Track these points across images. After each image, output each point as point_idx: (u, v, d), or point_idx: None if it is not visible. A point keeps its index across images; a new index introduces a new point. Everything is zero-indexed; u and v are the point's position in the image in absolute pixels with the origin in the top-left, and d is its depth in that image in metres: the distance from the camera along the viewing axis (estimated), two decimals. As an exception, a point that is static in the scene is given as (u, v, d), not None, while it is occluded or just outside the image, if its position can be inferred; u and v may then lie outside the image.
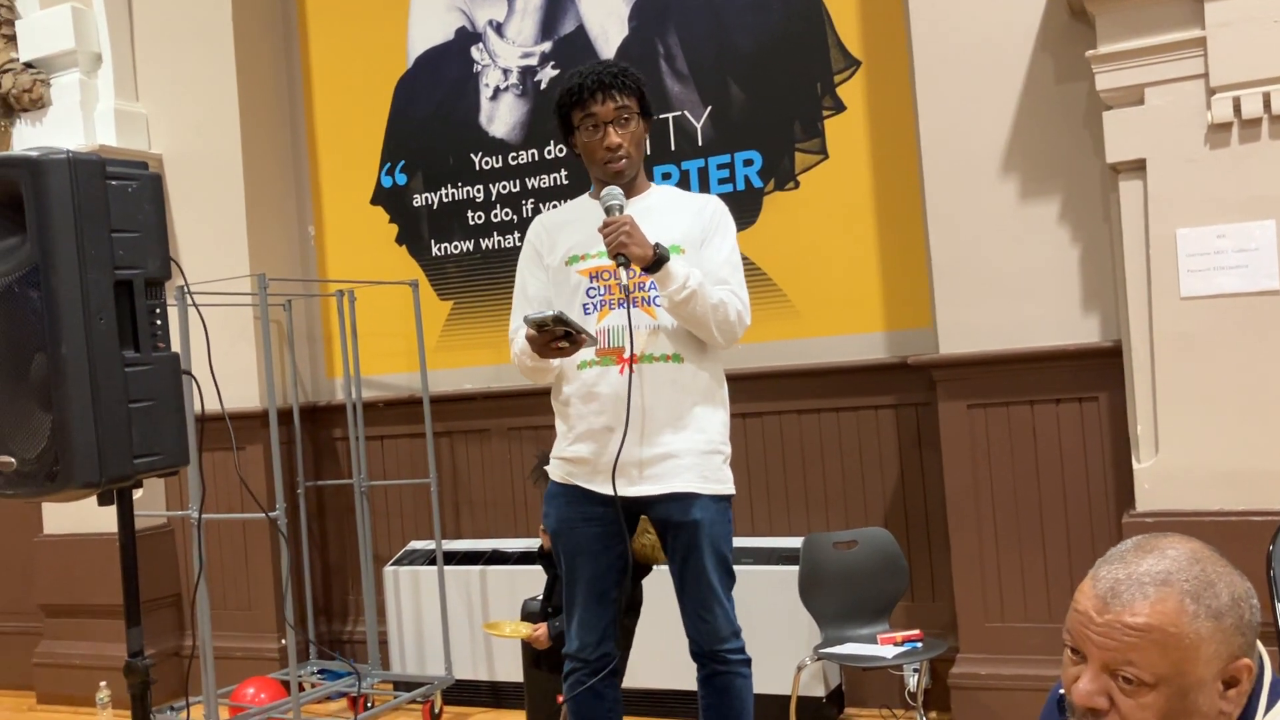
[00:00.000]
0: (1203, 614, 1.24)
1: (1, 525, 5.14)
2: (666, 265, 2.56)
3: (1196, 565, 1.27)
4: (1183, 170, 3.06)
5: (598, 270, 2.67)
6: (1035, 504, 3.47)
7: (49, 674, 4.88)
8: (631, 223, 2.56)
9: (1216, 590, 1.25)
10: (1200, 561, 1.28)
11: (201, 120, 4.79)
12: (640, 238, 2.55)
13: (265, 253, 4.75)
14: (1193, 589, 1.25)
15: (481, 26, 4.59)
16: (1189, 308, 3.06)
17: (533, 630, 3.40)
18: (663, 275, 2.57)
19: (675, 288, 2.57)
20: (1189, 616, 1.24)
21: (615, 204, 2.61)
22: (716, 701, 2.71)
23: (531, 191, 4.53)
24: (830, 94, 4.00)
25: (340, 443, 4.88)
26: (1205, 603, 1.24)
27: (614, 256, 2.55)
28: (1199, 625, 1.24)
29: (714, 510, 2.68)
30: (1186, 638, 1.24)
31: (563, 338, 2.53)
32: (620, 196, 2.63)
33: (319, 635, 4.80)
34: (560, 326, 2.51)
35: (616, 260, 2.55)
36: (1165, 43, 3.06)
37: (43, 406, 2.10)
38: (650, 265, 2.56)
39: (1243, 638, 1.26)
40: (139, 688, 2.23)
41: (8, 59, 4.89)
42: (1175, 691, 1.25)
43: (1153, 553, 1.30)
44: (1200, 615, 1.24)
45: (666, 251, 2.57)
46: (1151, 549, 1.31)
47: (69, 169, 2.08)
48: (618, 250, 2.54)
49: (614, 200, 2.61)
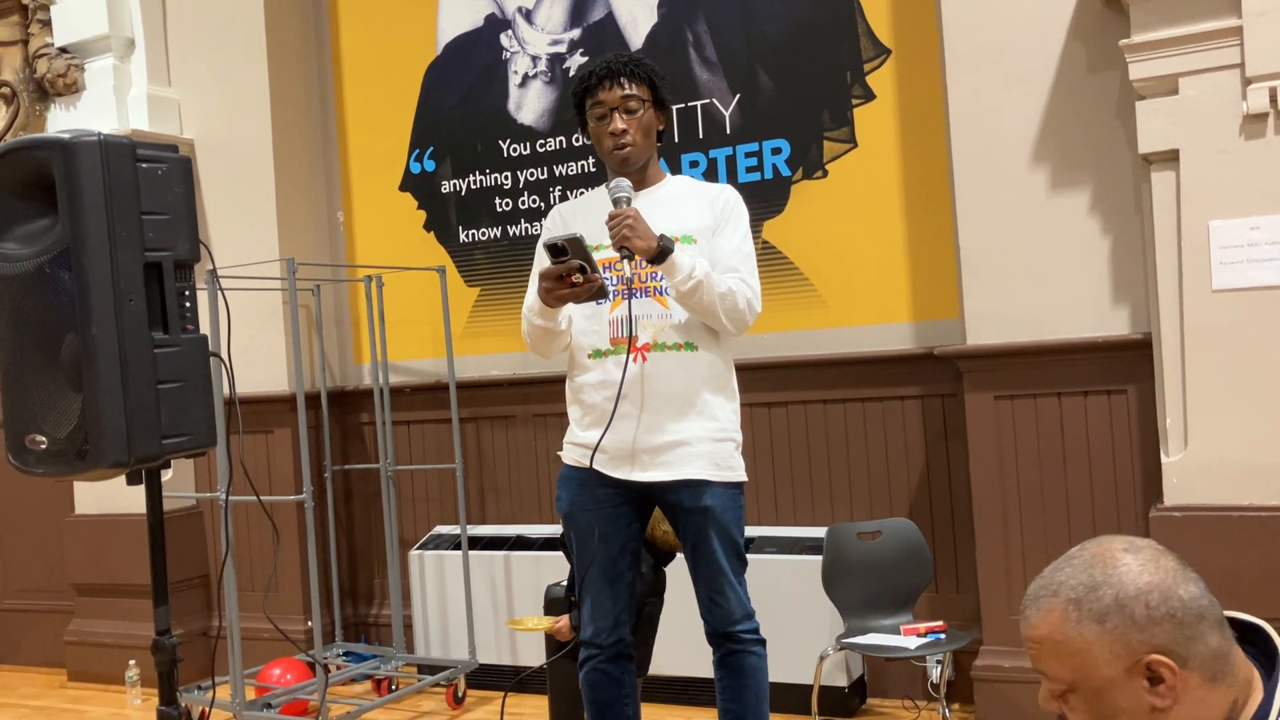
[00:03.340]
0: (1085, 619, 1.28)
1: (33, 506, 5.22)
2: (671, 257, 2.57)
3: (1086, 571, 1.31)
4: (1216, 161, 3.02)
5: (611, 261, 2.68)
6: (1061, 497, 3.44)
7: (79, 652, 4.95)
8: (636, 215, 2.56)
9: (1099, 594, 1.29)
10: (1095, 566, 1.31)
11: (233, 106, 4.82)
12: (644, 230, 2.55)
13: (294, 237, 4.78)
14: (1076, 596, 1.30)
15: (511, 13, 4.60)
16: (1221, 300, 3.03)
17: (555, 623, 3.41)
18: (668, 266, 2.58)
19: (681, 278, 2.59)
20: (1072, 623, 1.29)
21: (622, 196, 2.61)
22: (733, 681, 2.74)
23: (559, 179, 4.53)
24: (860, 82, 3.98)
25: (367, 427, 4.91)
26: (1086, 608, 1.29)
27: (618, 249, 2.56)
28: (1084, 630, 1.29)
29: (725, 497, 2.69)
30: (1074, 643, 1.29)
31: (578, 270, 2.52)
32: (627, 189, 2.63)
33: (345, 618, 4.84)
34: (577, 256, 2.50)
35: (620, 253, 2.56)
36: (1200, 32, 3.02)
37: (73, 386, 2.13)
38: (655, 257, 2.56)
39: (1143, 634, 1.27)
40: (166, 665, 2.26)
41: (43, 44, 4.94)
42: (1090, 693, 1.30)
43: (1065, 563, 1.35)
44: (1083, 620, 1.29)
45: (671, 243, 2.58)
46: (1066, 558, 1.36)
47: (100, 151, 2.10)
48: (621, 243, 2.55)
49: (621, 193, 2.61)
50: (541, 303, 2.63)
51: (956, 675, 3.71)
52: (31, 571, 5.30)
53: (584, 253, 2.51)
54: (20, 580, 5.35)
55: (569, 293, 2.56)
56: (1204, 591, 1.30)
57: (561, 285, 2.55)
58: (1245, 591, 2.92)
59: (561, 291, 2.56)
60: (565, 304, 2.64)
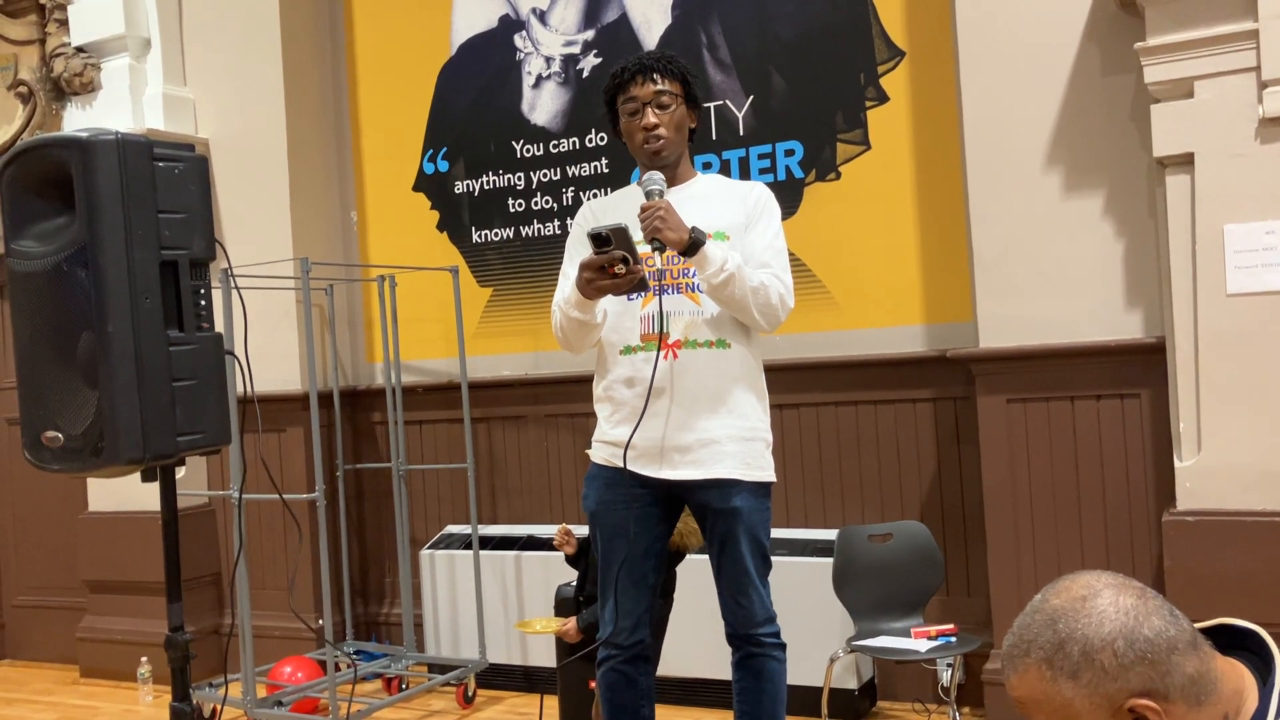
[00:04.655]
0: (1060, 677, 1.30)
1: (47, 503, 5.25)
2: (703, 249, 2.55)
3: (1051, 628, 1.32)
4: (1231, 165, 3.01)
5: (642, 257, 2.67)
6: (1074, 501, 3.44)
7: (92, 648, 4.97)
8: (668, 207, 2.56)
9: (1067, 651, 1.30)
10: (1059, 621, 1.32)
11: (247, 106, 4.84)
12: (675, 221, 2.55)
13: (308, 237, 4.80)
14: (1046, 655, 1.31)
15: (525, 14, 4.61)
16: (1235, 304, 3.02)
17: (563, 625, 3.41)
18: (699, 258, 2.57)
19: (713, 270, 2.57)
20: (1048, 682, 1.31)
21: (655, 189, 2.61)
22: (751, 684, 2.72)
23: (572, 180, 4.54)
24: (874, 84, 3.98)
25: (379, 426, 4.93)
26: (1058, 666, 1.30)
27: (650, 240, 2.55)
28: (1061, 687, 1.30)
29: (754, 498, 2.68)
30: (1054, 700, 1.31)
31: (620, 260, 2.49)
32: (660, 181, 2.63)
33: (356, 617, 4.85)
34: (620, 247, 2.47)
35: (652, 244, 2.55)
36: (1216, 35, 3.01)
37: (89, 383, 2.14)
38: (686, 249, 2.55)
39: (1116, 682, 1.28)
40: (180, 661, 2.27)
41: (59, 43, 4.96)
42: None
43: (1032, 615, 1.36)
44: (1058, 679, 1.30)
45: (703, 235, 2.57)
46: (1033, 609, 1.37)
47: (117, 150, 2.11)
48: (653, 234, 2.54)
49: (653, 185, 2.61)
50: (580, 294, 2.59)
51: (967, 679, 3.71)
52: (44, 568, 5.33)
53: (628, 243, 2.49)
54: (33, 577, 5.38)
55: (610, 284, 2.52)
56: (1169, 619, 1.30)
57: (603, 276, 2.52)
58: (1257, 596, 2.92)
59: (603, 282, 2.53)
60: (604, 295, 2.60)
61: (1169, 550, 3.08)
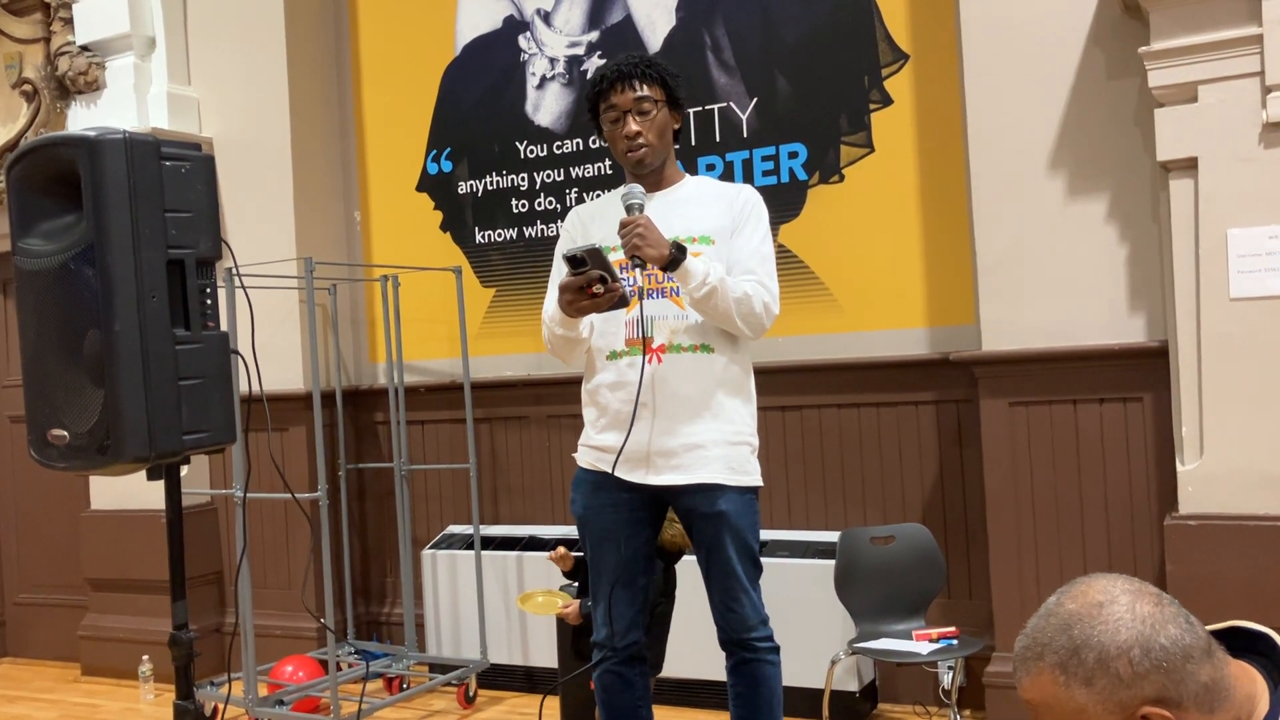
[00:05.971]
0: (1074, 683, 1.30)
1: (49, 501, 5.25)
2: (684, 264, 2.55)
3: (1066, 633, 1.32)
4: (1235, 170, 3.02)
5: (624, 263, 2.65)
6: (1076, 504, 3.44)
7: (93, 647, 4.98)
8: (647, 223, 2.54)
9: (1082, 657, 1.30)
10: (1074, 625, 1.31)
11: (252, 105, 4.85)
12: (655, 238, 2.54)
13: (312, 237, 4.80)
14: (1060, 660, 1.31)
15: (529, 15, 4.61)
16: (1238, 309, 3.02)
17: (564, 606, 3.41)
18: (681, 274, 2.56)
19: (695, 285, 2.56)
20: (1061, 687, 1.31)
21: (634, 204, 2.59)
22: (746, 689, 2.71)
23: (575, 180, 4.54)
24: (878, 87, 3.98)
25: (382, 426, 4.93)
26: (1072, 672, 1.30)
27: (630, 258, 2.55)
28: (1074, 693, 1.30)
29: (740, 502, 2.67)
30: (1067, 705, 1.31)
31: (598, 280, 2.49)
32: (640, 195, 2.61)
33: (357, 616, 4.86)
34: (597, 267, 2.47)
35: (632, 261, 2.55)
36: (1220, 40, 3.02)
37: (95, 382, 2.14)
38: (667, 264, 2.55)
39: (1130, 690, 1.28)
40: (183, 660, 2.28)
41: (64, 42, 4.97)
42: None
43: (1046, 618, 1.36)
44: (1072, 684, 1.30)
45: (683, 251, 2.56)
46: (1047, 612, 1.36)
47: (125, 149, 2.12)
48: (633, 252, 2.53)
49: (633, 200, 2.59)
50: (562, 313, 2.61)
51: (968, 681, 3.71)
52: (46, 566, 5.33)
53: (603, 263, 2.49)
54: (35, 575, 5.39)
55: (590, 304, 2.53)
56: (1185, 627, 1.29)
57: (582, 296, 2.52)
58: (1260, 600, 2.92)
59: (583, 303, 2.54)
60: (587, 315, 2.61)
61: (1171, 554, 3.09)
